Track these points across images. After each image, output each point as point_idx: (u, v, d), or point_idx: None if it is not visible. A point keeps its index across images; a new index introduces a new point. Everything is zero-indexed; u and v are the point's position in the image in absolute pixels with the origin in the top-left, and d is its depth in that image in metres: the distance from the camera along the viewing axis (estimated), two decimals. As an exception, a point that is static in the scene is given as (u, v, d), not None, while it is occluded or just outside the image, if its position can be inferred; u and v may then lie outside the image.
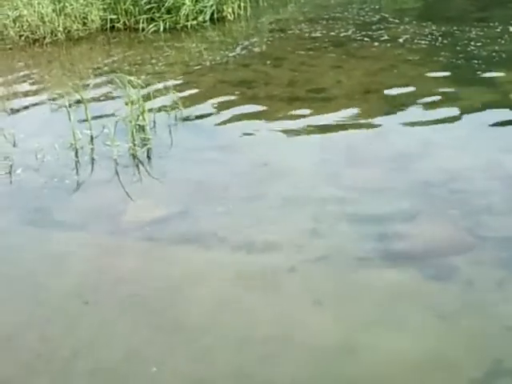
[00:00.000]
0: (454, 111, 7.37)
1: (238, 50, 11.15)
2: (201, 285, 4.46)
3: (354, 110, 7.64)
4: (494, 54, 9.46)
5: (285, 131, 7.16)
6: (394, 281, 4.42)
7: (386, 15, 12.76)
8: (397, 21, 12.17)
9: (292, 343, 3.83)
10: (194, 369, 3.68)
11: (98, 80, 9.61)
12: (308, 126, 7.28)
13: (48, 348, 3.91)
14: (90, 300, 4.34)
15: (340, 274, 4.53)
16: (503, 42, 10.10)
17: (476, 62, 9.13)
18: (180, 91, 8.20)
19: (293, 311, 4.13)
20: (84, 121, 7.28)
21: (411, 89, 8.24)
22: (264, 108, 7.97)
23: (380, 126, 7.15)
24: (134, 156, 6.70)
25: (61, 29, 12.56)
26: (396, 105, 7.73)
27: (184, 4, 12.83)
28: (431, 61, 9.44)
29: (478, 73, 8.70)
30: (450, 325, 3.92)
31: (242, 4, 13.58)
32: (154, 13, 12.99)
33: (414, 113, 7.43)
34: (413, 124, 7.10)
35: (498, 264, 4.47)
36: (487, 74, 8.61)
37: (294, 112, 7.76)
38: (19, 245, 5.16)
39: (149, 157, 6.73)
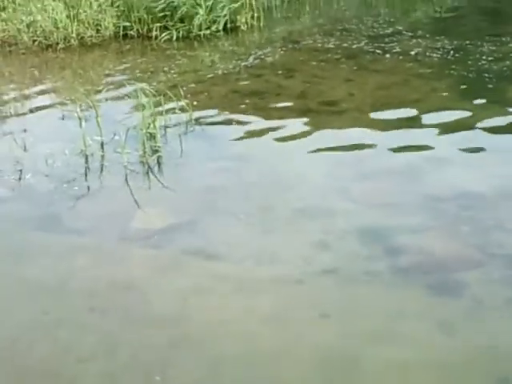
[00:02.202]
0: (465, 127, 7.35)
1: (251, 60, 11.16)
2: (208, 295, 4.45)
3: (366, 124, 7.63)
4: (506, 69, 9.44)
5: (295, 143, 7.16)
6: (402, 295, 4.41)
7: (400, 28, 12.74)
8: (410, 34, 12.15)
9: (298, 355, 3.82)
10: (198, 380, 3.66)
11: (110, 87, 9.63)
12: (319, 138, 7.27)
13: (53, 354, 3.90)
14: (97, 307, 4.34)
15: (347, 287, 4.52)
16: (516, 58, 10.09)
17: (488, 77, 9.11)
18: (192, 100, 8.20)
19: (299, 323, 4.12)
20: (95, 127, 7.29)
21: (423, 103, 8.22)
22: (275, 119, 7.96)
23: (391, 140, 7.13)
24: (145, 164, 6.71)
25: (74, 35, 12.62)
26: (407, 119, 7.71)
27: (197, 13, 12.86)
28: (443, 75, 9.42)
29: (491, 88, 8.67)
30: (457, 341, 3.90)
31: (256, 14, 13.59)
32: (167, 21, 13.03)
33: (425, 128, 7.41)
34: (424, 139, 7.08)
35: (507, 282, 4.45)
36: (500, 90, 8.59)
37: (305, 124, 7.75)
38: (27, 250, 5.16)
39: (159, 165, 6.73)
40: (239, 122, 7.90)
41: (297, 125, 7.73)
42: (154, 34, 12.93)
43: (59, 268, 4.86)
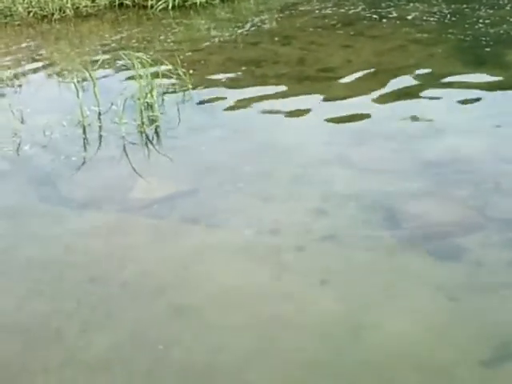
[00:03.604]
0: (462, 91, 7.33)
1: (247, 27, 11.11)
2: (208, 263, 4.46)
3: (363, 90, 7.60)
4: (503, 33, 9.40)
5: (293, 110, 7.14)
6: (402, 261, 4.41)
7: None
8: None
9: (298, 321, 3.83)
10: (202, 348, 3.68)
11: (107, 57, 9.58)
12: (316, 105, 7.26)
13: (56, 323, 3.91)
14: (98, 277, 4.34)
15: (347, 253, 4.52)
16: (513, 21, 10.05)
17: (485, 40, 9.08)
18: (188, 69, 8.16)
19: (300, 290, 4.13)
20: (92, 98, 7.26)
21: (420, 69, 8.20)
22: (273, 87, 7.94)
23: (389, 106, 7.12)
24: (143, 133, 6.69)
25: (69, 5, 12.56)
26: (405, 85, 7.69)
27: (193, -19, 12.78)
28: (441, 40, 9.39)
29: (488, 52, 8.65)
30: (458, 306, 3.90)
31: (252, -19, 13.51)
32: (162, -10, 12.95)
33: (423, 93, 7.39)
34: (422, 104, 7.07)
35: (508, 244, 4.45)
36: (497, 54, 8.56)
37: (302, 91, 7.73)
38: (27, 221, 5.16)
39: (157, 135, 6.72)
40: (236, 91, 7.87)
41: (294, 92, 7.71)
42: (149, 3, 12.86)
43: (59, 239, 4.86)
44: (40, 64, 9.79)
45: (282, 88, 7.87)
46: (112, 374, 3.51)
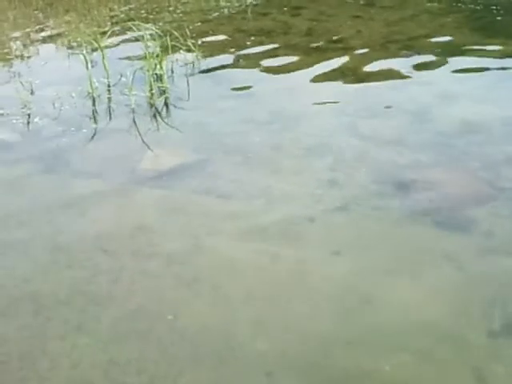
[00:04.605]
0: (474, 62, 7.30)
1: (257, -2, 11.05)
2: (218, 235, 4.46)
3: (374, 61, 7.57)
4: (516, 2, 9.34)
5: (303, 81, 7.12)
6: (413, 231, 4.41)
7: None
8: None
9: (310, 293, 3.83)
10: (213, 318, 3.68)
11: (115, 28, 9.54)
12: (326, 76, 7.23)
13: (66, 295, 3.92)
14: (109, 248, 4.35)
15: (359, 224, 4.52)
16: (526, -9, 9.95)
17: (496, 9, 9.02)
18: (198, 40, 8.15)
19: (310, 261, 4.13)
20: (101, 69, 7.25)
21: (431, 39, 8.16)
22: (283, 58, 7.91)
23: (400, 76, 7.09)
24: (152, 105, 6.68)
25: (78, -24, 12.48)
26: (416, 56, 7.65)
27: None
28: (452, 10, 9.34)
29: (500, 22, 8.59)
30: (467, 276, 3.90)
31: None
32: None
33: (434, 63, 7.36)
34: (433, 75, 7.04)
35: (518, 216, 4.45)
36: (508, 23, 8.50)
37: (312, 62, 7.70)
38: (37, 192, 5.16)
39: (166, 106, 6.70)
40: (246, 61, 7.86)
41: (304, 63, 7.68)
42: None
43: (70, 211, 4.86)
44: (49, 35, 9.77)
45: (292, 59, 7.84)
46: (123, 345, 3.53)
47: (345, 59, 7.75)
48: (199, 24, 9.65)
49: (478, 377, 3.18)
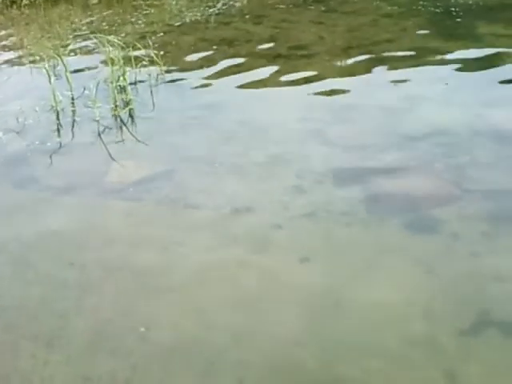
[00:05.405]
0: (437, 65, 7.36)
1: (219, 6, 11.09)
2: (187, 244, 4.45)
3: (337, 67, 7.61)
4: (471, 3, 9.42)
5: (267, 89, 7.13)
6: (380, 235, 4.42)
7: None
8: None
9: (280, 299, 3.83)
10: (183, 327, 3.67)
11: (78, 41, 9.52)
12: (291, 83, 7.25)
13: (35, 310, 3.89)
14: (76, 261, 4.32)
15: (326, 229, 4.52)
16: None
17: (455, 12, 9.10)
18: (161, 50, 8.14)
19: (280, 268, 4.12)
20: (65, 83, 7.21)
21: (394, 43, 8.22)
22: (246, 66, 7.93)
23: (363, 81, 7.12)
24: (116, 117, 6.66)
25: (38, -10, 12.43)
26: (379, 60, 7.70)
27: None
28: (412, 14, 9.42)
29: (460, 25, 8.67)
30: (436, 277, 3.92)
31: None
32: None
33: (397, 68, 7.41)
34: (396, 79, 7.08)
35: (483, 216, 4.48)
36: (468, 26, 8.59)
37: (276, 69, 7.72)
38: (3, 207, 5.12)
39: (131, 118, 6.68)
40: (209, 71, 7.85)
41: (268, 71, 7.70)
42: (119, -15, 12.77)
43: (36, 225, 4.83)
44: (11, 50, 9.71)
45: (256, 67, 7.85)
46: (94, 360, 3.50)
47: (308, 66, 7.77)
48: (162, 35, 9.64)
49: (450, 378, 3.19)
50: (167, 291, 3.97)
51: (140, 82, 7.52)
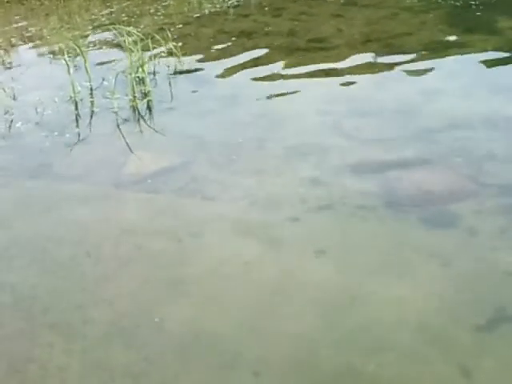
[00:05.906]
0: (456, 59, 7.33)
1: (238, -1, 11.06)
2: (203, 236, 4.45)
3: (356, 60, 7.58)
4: (494, -1, 9.39)
5: (285, 81, 7.12)
6: (397, 229, 4.41)
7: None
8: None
9: (296, 293, 3.83)
10: (198, 319, 3.68)
11: (97, 32, 9.54)
12: (309, 75, 7.24)
13: (52, 300, 3.91)
14: (93, 252, 4.34)
15: (343, 223, 4.52)
16: (505, -13, 10.00)
17: (475, 5, 9.05)
18: (179, 42, 8.14)
19: (296, 261, 4.12)
20: (83, 74, 7.24)
21: (413, 37, 8.18)
22: (264, 58, 7.91)
23: (382, 74, 7.10)
24: (135, 108, 6.67)
25: (58, -19, 12.46)
26: (398, 53, 7.67)
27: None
28: (432, 7, 9.37)
29: (480, 18, 8.62)
30: (453, 272, 3.91)
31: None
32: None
33: (416, 61, 7.37)
34: (415, 72, 7.05)
35: (501, 211, 4.46)
36: (488, 20, 8.54)
37: (294, 62, 7.71)
38: (22, 198, 5.15)
39: (149, 109, 6.69)
40: (228, 63, 7.84)
41: (286, 63, 7.69)
42: (138, -24, 12.77)
43: (54, 216, 4.85)
44: (30, 41, 9.74)
45: (274, 59, 7.84)
46: (110, 349, 3.52)
47: (327, 59, 7.75)
48: (181, 26, 9.65)
49: (465, 373, 3.19)
50: (183, 283, 3.98)
51: (158, 73, 7.53)
